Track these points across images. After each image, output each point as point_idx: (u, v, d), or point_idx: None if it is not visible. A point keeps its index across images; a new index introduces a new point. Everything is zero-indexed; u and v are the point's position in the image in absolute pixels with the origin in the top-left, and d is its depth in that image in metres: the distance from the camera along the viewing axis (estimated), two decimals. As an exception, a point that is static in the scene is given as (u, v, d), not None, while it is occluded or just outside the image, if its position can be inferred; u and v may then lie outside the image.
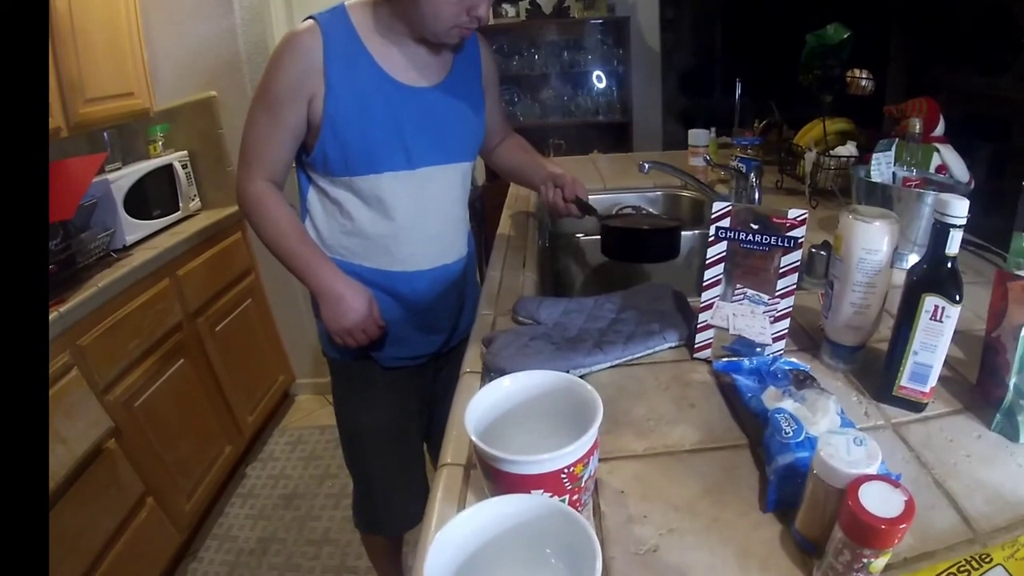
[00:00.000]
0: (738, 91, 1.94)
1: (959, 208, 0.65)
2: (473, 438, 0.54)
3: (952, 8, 1.65)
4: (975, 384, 0.80)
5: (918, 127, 1.24)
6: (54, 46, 1.87)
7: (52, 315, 1.61)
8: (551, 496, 0.53)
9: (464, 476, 0.71)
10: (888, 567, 0.54)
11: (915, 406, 0.76)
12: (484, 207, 3.80)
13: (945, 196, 0.66)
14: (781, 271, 0.81)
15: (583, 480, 0.55)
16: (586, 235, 1.63)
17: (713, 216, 0.84)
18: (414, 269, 1.26)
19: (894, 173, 1.22)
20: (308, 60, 1.10)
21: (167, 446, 2.01)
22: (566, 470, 0.53)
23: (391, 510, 1.50)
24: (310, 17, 1.13)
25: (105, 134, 2.36)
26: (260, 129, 1.15)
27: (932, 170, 1.22)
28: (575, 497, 0.56)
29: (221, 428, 2.34)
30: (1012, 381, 0.70)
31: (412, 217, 1.22)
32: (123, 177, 2.12)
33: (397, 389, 1.39)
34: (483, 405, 0.61)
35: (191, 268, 2.25)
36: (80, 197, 1.81)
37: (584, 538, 0.44)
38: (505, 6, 3.54)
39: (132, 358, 1.89)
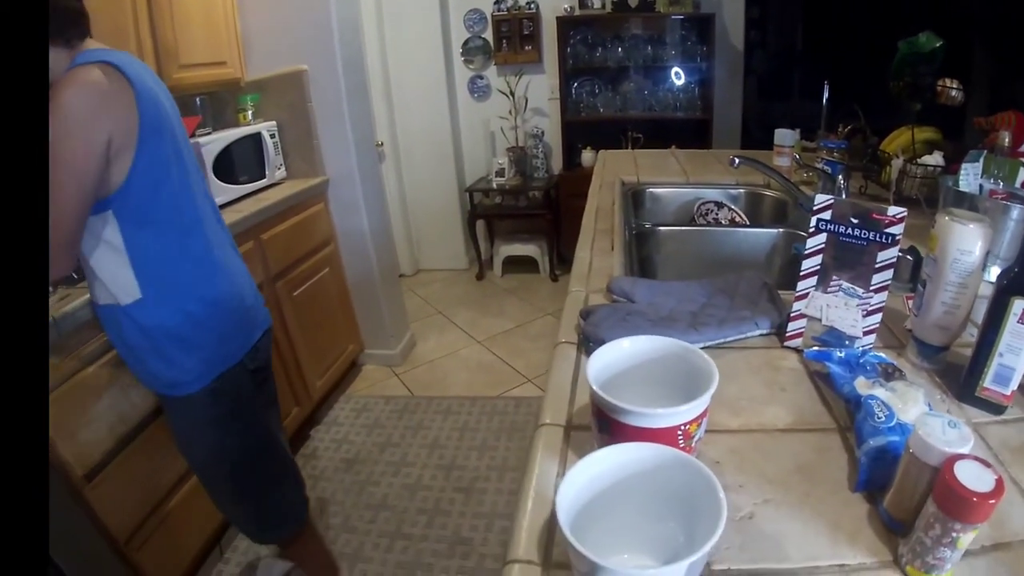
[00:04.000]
0: (825, 94, 1.94)
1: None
2: (594, 387, 0.60)
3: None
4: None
5: (1007, 140, 1.24)
6: (151, 13, 1.98)
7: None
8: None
9: (564, 436, 0.77)
10: (968, 553, 0.58)
11: (996, 408, 0.78)
12: (559, 195, 3.87)
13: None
14: (877, 266, 0.84)
15: (695, 440, 0.61)
16: (669, 226, 1.67)
17: (816, 208, 0.88)
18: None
19: (981, 185, 1.23)
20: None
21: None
22: (682, 427, 0.58)
23: (289, 501, 1.62)
24: None
25: (198, 100, 2.49)
26: None
27: (1018, 184, 1.22)
28: (687, 456, 0.61)
29: (291, 390, 2.46)
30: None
31: None
32: (213, 142, 2.24)
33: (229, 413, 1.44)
34: (603, 361, 0.67)
35: (275, 233, 2.36)
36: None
37: (707, 488, 0.49)
38: (591, -3, 3.58)
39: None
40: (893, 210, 0.82)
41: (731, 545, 0.60)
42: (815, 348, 0.89)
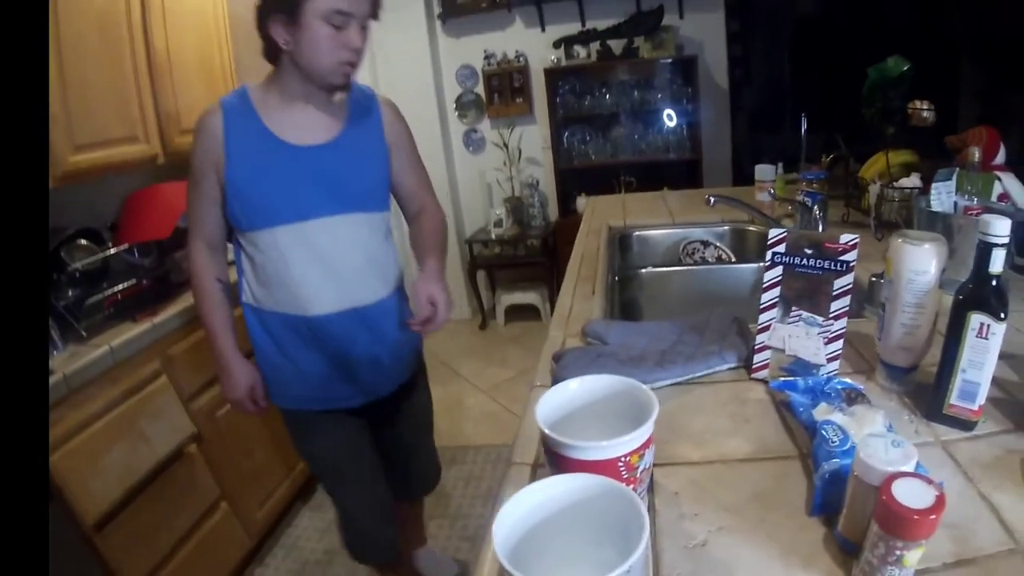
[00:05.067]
0: (803, 126, 1.97)
1: (1000, 227, 0.69)
2: (541, 426, 0.61)
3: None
4: (1028, 404, 0.82)
5: (977, 155, 1.26)
6: (152, 79, 2.07)
7: (145, 326, 1.77)
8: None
9: (531, 474, 0.78)
10: (927, 570, 0.58)
11: (965, 424, 0.78)
12: (557, 243, 3.92)
13: (987, 216, 0.70)
14: (834, 294, 0.86)
15: (639, 471, 0.61)
16: (653, 268, 1.70)
17: (770, 242, 0.90)
18: (323, 313, 1.35)
19: (955, 203, 1.24)
20: (211, 134, 1.29)
21: (245, 455, 2.13)
22: (623, 458, 0.59)
23: (363, 532, 1.61)
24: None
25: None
26: (191, 197, 1.35)
27: (994, 198, 1.23)
28: (631, 487, 0.62)
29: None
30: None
31: (307, 265, 1.32)
32: (216, 205, 2.30)
33: (343, 433, 1.50)
34: (552, 403, 0.68)
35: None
36: (176, 219, 1.98)
37: (633, 512, 0.50)
38: (577, 48, 3.69)
39: (218, 370, 2.04)
40: (845, 237, 0.83)
41: (683, 572, 0.60)
42: (781, 379, 0.90)
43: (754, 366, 0.95)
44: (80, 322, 1.70)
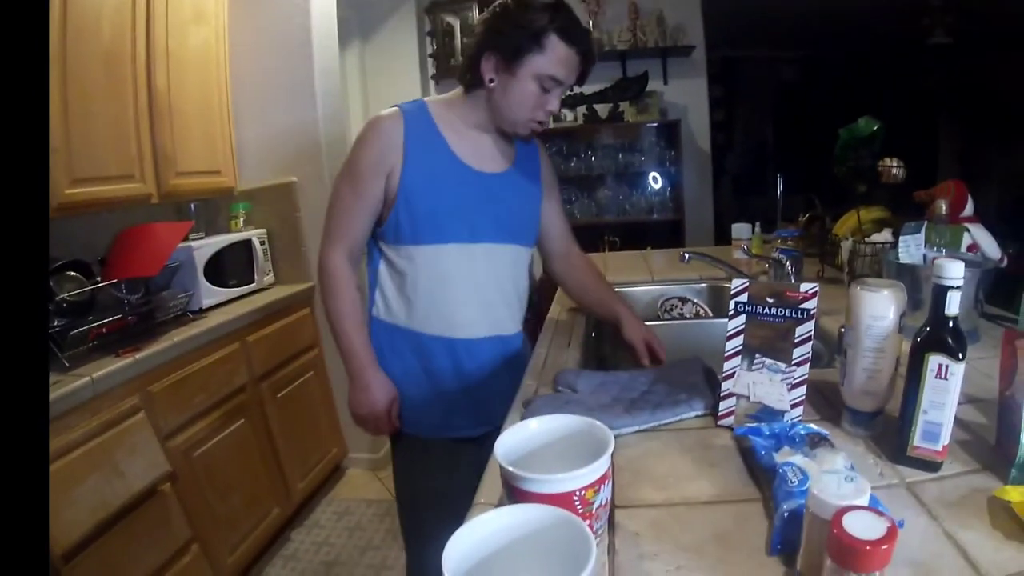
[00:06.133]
0: (779, 187, 2.04)
1: (954, 270, 0.71)
2: (499, 460, 0.61)
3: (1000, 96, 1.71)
4: (995, 445, 0.82)
5: (944, 208, 1.29)
6: (152, 121, 2.12)
7: (127, 360, 1.77)
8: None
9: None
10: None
11: (930, 465, 0.79)
12: (541, 299, 3.93)
13: (941, 260, 0.72)
14: (796, 341, 0.87)
15: (595, 506, 0.61)
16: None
17: (733, 292, 0.92)
18: (471, 336, 1.36)
19: (924, 255, 1.27)
20: (390, 138, 1.27)
21: (218, 498, 2.10)
22: (578, 493, 0.59)
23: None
24: (395, 106, 1.32)
25: (192, 205, 2.60)
26: (344, 202, 1.31)
27: (964, 249, 1.26)
28: (587, 523, 0.61)
29: (272, 490, 2.42)
30: (1024, 435, 0.72)
31: (469, 286, 1.33)
32: (205, 246, 2.33)
33: (452, 463, 1.42)
34: (511, 441, 0.68)
35: (260, 336, 2.41)
36: (166, 259, 2.01)
37: (581, 540, 0.50)
38: (563, 111, 3.80)
39: (196, 411, 2.02)
40: (806, 286, 0.86)
41: (638, 612, 0.60)
42: (746, 424, 0.90)
43: (720, 413, 0.96)
44: (63, 351, 1.70)
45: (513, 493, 0.62)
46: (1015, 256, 1.31)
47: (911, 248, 1.29)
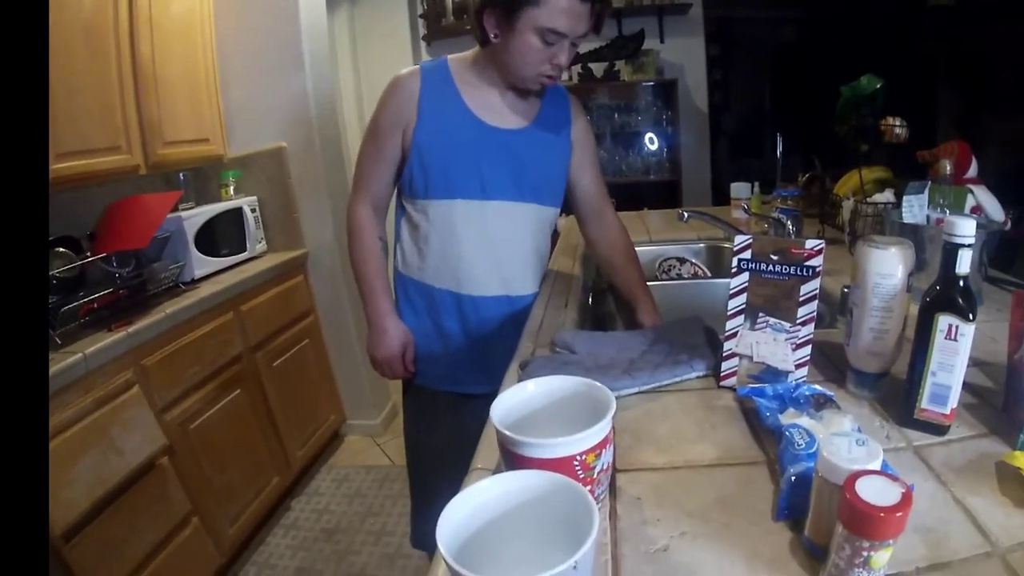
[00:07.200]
0: (779, 147, 1.99)
1: (966, 228, 0.68)
2: (497, 425, 0.59)
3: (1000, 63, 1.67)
4: (1001, 409, 0.81)
5: (948, 168, 1.27)
6: (137, 90, 2.06)
7: (119, 335, 1.74)
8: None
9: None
10: (901, 575, 0.56)
11: (937, 429, 0.77)
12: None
13: (952, 217, 0.69)
14: (801, 299, 0.85)
15: (596, 471, 0.59)
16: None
17: (735, 248, 0.89)
18: (479, 294, 1.36)
19: (928, 216, 1.24)
20: (406, 95, 1.29)
21: (217, 470, 2.10)
22: (579, 457, 0.57)
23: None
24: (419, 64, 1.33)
25: (181, 175, 2.55)
26: (366, 157, 1.35)
27: (967, 211, 1.23)
28: (588, 488, 0.60)
29: (270, 459, 2.42)
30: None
31: (479, 243, 1.33)
32: (195, 216, 2.29)
33: (458, 417, 1.45)
34: (508, 403, 0.66)
35: (254, 304, 2.38)
36: (155, 230, 1.97)
37: (583, 508, 0.48)
38: (557, 69, 3.72)
39: (192, 383, 2.01)
40: (811, 243, 0.83)
41: (642, 577, 0.58)
42: (749, 385, 0.88)
43: (722, 373, 0.94)
44: (55, 329, 1.67)
45: (511, 459, 0.60)
46: (1016, 220, 1.29)
47: (915, 208, 1.26)
